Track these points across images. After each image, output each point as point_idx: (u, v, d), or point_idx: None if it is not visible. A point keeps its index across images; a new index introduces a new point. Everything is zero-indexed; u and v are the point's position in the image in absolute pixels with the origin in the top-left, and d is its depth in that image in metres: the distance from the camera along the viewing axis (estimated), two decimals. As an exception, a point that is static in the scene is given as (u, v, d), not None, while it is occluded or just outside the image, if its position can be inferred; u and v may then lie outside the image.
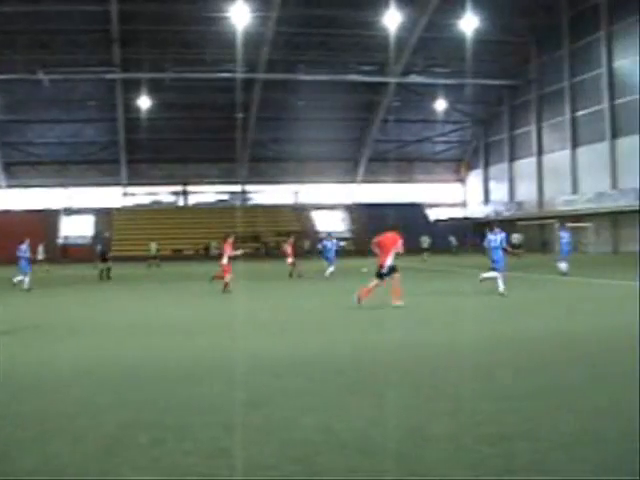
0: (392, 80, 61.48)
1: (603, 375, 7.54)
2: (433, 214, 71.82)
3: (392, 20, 50.94)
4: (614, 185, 52.31)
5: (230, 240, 21.59)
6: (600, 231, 52.35)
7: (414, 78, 61.65)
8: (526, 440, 5.22)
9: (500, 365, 8.29)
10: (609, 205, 50.63)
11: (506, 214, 63.99)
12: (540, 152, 62.11)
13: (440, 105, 64.92)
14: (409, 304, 14.87)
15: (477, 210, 71.91)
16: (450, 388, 7.10)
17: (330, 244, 28.42)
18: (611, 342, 9.89)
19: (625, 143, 51.25)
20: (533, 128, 62.65)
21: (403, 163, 71.38)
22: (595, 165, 54.28)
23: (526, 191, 64.24)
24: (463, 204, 75.95)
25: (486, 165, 72.01)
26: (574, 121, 57.05)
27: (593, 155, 54.64)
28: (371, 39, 56.70)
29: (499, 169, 69.24)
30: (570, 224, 36.31)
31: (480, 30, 53.79)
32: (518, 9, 56.60)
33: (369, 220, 64.84)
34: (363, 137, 70.64)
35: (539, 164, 62.37)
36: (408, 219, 60.15)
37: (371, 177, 72.77)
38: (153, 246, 44.73)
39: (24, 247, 24.67)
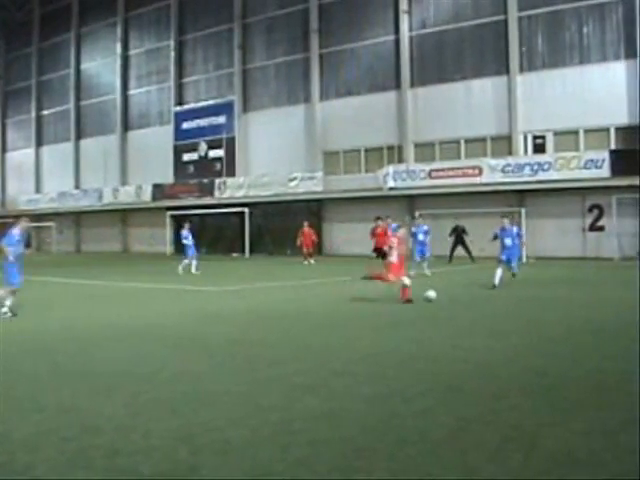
0: None
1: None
2: None
3: None
4: (77, 185, 53.54)
5: None
6: (63, 230, 52.98)
7: None
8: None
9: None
10: (72, 205, 51.62)
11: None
12: (4, 150, 60.32)
13: None
14: None
15: None
16: None
17: None
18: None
19: (88, 144, 52.97)
20: (-3, 124, 60.63)
21: None
22: (59, 165, 54.81)
23: (-12, 189, 61.54)
24: None
25: (-59, 160, 67.02)
26: (39, 120, 56.86)
27: (57, 155, 55.13)
28: None
29: (-40, 165, 65.05)
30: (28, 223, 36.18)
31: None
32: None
33: None
34: None
35: (2, 162, 60.49)
36: None
37: None
38: None
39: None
